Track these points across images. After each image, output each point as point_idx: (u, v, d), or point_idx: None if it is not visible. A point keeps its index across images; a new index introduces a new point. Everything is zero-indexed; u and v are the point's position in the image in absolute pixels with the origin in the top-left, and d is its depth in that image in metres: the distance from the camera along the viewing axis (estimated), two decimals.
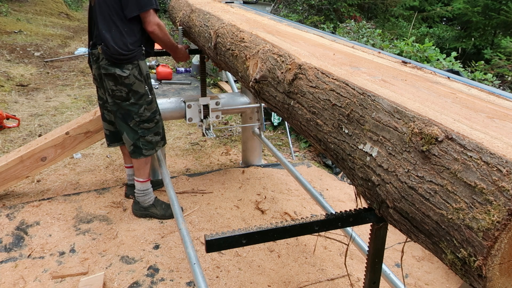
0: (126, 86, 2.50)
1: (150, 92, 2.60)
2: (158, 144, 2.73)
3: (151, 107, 2.62)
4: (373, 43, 5.65)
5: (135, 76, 2.49)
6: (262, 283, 2.32)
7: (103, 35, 2.43)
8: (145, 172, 2.77)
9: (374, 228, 1.23)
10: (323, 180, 3.53)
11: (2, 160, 2.99)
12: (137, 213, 2.84)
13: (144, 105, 2.58)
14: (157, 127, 2.68)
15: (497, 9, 9.70)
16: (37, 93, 5.52)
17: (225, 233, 1.06)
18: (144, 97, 2.57)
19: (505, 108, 0.99)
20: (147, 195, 2.82)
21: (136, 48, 2.48)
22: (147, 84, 2.57)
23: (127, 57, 2.45)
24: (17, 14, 10.20)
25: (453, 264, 0.80)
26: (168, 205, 2.84)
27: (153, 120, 2.65)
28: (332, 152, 1.17)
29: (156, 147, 2.72)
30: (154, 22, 2.43)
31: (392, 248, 2.66)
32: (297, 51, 1.45)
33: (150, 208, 2.82)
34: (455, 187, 0.77)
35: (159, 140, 2.73)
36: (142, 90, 2.55)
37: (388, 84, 1.10)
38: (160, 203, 2.87)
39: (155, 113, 2.66)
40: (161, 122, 2.73)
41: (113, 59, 2.43)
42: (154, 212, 2.82)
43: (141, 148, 2.65)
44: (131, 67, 2.47)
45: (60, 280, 2.32)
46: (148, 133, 2.64)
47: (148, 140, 2.66)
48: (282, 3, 9.22)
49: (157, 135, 2.70)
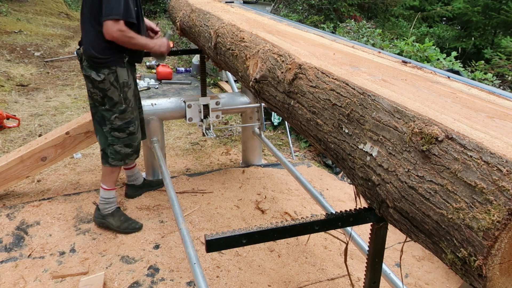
0: (101, 90, 2.44)
1: (125, 101, 2.49)
2: (128, 157, 2.62)
3: (124, 116, 2.51)
4: (373, 43, 5.65)
5: (111, 82, 2.42)
6: (263, 283, 2.33)
7: (83, 36, 2.42)
8: (110, 180, 2.67)
9: (374, 228, 1.23)
10: (323, 180, 3.53)
11: (3, 160, 3.00)
12: (96, 220, 2.75)
13: (116, 113, 2.49)
14: (129, 139, 2.57)
15: (497, 8, 9.70)
16: (37, 93, 5.52)
17: (225, 233, 1.06)
18: (117, 106, 2.48)
19: (505, 108, 0.99)
20: (108, 204, 2.71)
21: (114, 53, 2.41)
22: (122, 93, 2.47)
23: (102, 61, 2.39)
24: (17, 14, 10.20)
25: (453, 263, 0.80)
26: (128, 218, 2.76)
27: (125, 131, 2.54)
28: (332, 152, 1.17)
29: (125, 159, 2.62)
30: (112, 30, 2.27)
31: (392, 248, 2.66)
32: (297, 50, 1.45)
33: (108, 217, 2.71)
34: (455, 187, 0.77)
35: (130, 153, 2.61)
36: (116, 98, 2.46)
37: (388, 84, 1.10)
38: (120, 214, 2.75)
39: (128, 124, 2.54)
40: (137, 135, 2.62)
41: (91, 62, 2.40)
42: (111, 222, 2.70)
43: (108, 156, 2.58)
44: (108, 72, 2.41)
45: (61, 280, 2.32)
46: (118, 142, 2.55)
47: (117, 150, 2.56)
48: (282, 3, 9.22)
49: (128, 147, 2.59)
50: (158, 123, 3.14)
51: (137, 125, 2.62)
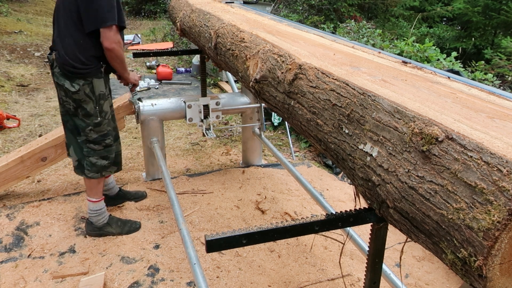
0: (75, 101, 2.30)
1: (100, 114, 2.34)
2: (105, 169, 2.48)
3: (100, 129, 2.38)
4: (373, 43, 5.66)
5: (86, 93, 2.28)
6: (263, 283, 2.32)
7: (57, 42, 2.26)
8: (97, 192, 2.56)
9: (375, 228, 1.23)
10: (323, 180, 3.52)
11: (3, 160, 3.00)
12: (92, 234, 2.63)
13: (91, 125, 2.35)
14: (105, 151, 2.44)
15: (497, 9, 9.70)
16: (37, 93, 5.52)
17: (225, 233, 1.06)
18: (91, 118, 2.34)
19: (505, 108, 0.99)
20: (101, 214, 2.61)
21: (93, 64, 2.26)
22: (98, 105, 2.33)
23: (79, 71, 2.24)
24: (17, 14, 10.20)
25: (454, 264, 0.80)
26: (124, 221, 2.69)
27: (101, 143, 2.41)
28: (333, 152, 1.17)
29: (102, 172, 2.47)
30: (114, 39, 2.18)
31: (392, 248, 2.66)
32: (297, 51, 1.45)
33: (105, 227, 2.62)
34: (455, 187, 0.77)
35: (107, 165, 2.47)
36: (91, 110, 2.32)
37: (388, 84, 1.10)
38: (115, 220, 2.67)
39: (104, 137, 2.41)
40: (114, 147, 2.47)
41: (65, 70, 2.24)
42: (110, 230, 2.63)
43: (84, 167, 2.46)
44: (83, 83, 2.26)
45: (61, 280, 2.32)
46: (94, 154, 2.42)
47: (92, 162, 2.43)
48: (282, 3, 9.22)
49: (105, 159, 2.45)
50: (158, 123, 3.14)
51: (114, 136, 2.48)
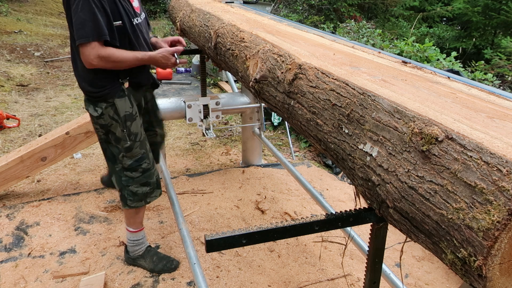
0: (102, 127, 2.08)
1: (129, 137, 2.08)
2: (148, 196, 2.24)
3: (132, 154, 2.12)
4: (373, 43, 5.65)
5: (110, 116, 2.03)
6: (262, 283, 2.33)
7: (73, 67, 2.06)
8: (135, 222, 2.34)
9: (374, 228, 1.23)
10: (323, 180, 3.52)
11: (2, 160, 3.00)
12: (127, 262, 2.47)
13: (122, 151, 2.11)
14: (144, 177, 2.17)
15: (497, 9, 9.70)
16: (37, 93, 5.52)
17: (225, 233, 1.06)
18: (121, 143, 2.09)
19: (505, 108, 0.99)
20: (138, 245, 2.41)
21: (108, 84, 1.98)
22: (125, 128, 2.06)
23: (97, 94, 1.99)
24: (17, 14, 10.20)
25: (453, 264, 0.80)
26: (161, 257, 2.43)
27: (137, 170, 2.15)
28: (332, 152, 1.17)
29: (146, 199, 2.24)
30: (88, 58, 1.84)
31: (392, 248, 2.66)
32: (297, 51, 1.45)
33: (138, 259, 2.42)
34: (455, 187, 0.77)
35: (149, 192, 2.22)
36: (119, 134, 2.07)
37: (388, 84, 1.10)
38: (151, 254, 2.42)
39: (140, 161, 2.14)
40: (152, 171, 2.20)
41: (86, 95, 2.05)
42: (142, 264, 2.42)
43: (126, 198, 2.21)
44: (105, 105, 2.01)
45: (61, 280, 2.32)
46: (133, 183, 2.17)
47: (133, 191, 2.18)
48: (282, 3, 9.22)
49: (146, 185, 2.19)
50: None
51: (151, 158, 2.21)
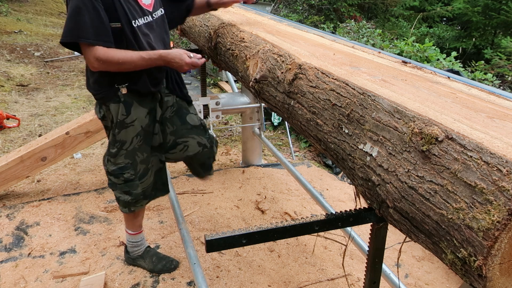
0: (106, 128, 2.03)
1: (114, 143, 1.98)
2: (131, 205, 2.11)
3: (116, 161, 2.01)
4: (373, 43, 5.66)
5: (111, 119, 1.96)
6: (262, 283, 2.33)
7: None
8: (133, 225, 2.31)
9: (374, 228, 1.23)
10: (323, 180, 3.52)
11: (2, 160, 3.00)
12: (127, 261, 2.46)
13: (107, 155, 2.04)
14: (127, 186, 2.05)
15: (497, 9, 9.70)
16: (37, 93, 5.52)
17: (225, 233, 1.07)
18: (110, 147, 2.01)
19: (505, 108, 0.99)
20: (136, 246, 2.40)
21: (103, 87, 1.88)
22: (113, 134, 1.97)
23: (96, 97, 1.94)
24: (17, 14, 10.20)
25: (453, 264, 0.80)
26: (160, 258, 2.41)
27: (119, 177, 2.03)
28: (332, 152, 1.17)
29: (129, 207, 2.12)
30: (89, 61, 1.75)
31: (392, 248, 2.66)
32: (297, 51, 1.45)
33: (138, 259, 2.41)
34: (455, 187, 0.77)
35: (130, 201, 2.09)
36: (110, 138, 2.00)
37: (388, 84, 1.10)
38: (151, 254, 2.41)
39: (122, 170, 2.01)
40: (135, 182, 2.05)
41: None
42: (142, 264, 2.41)
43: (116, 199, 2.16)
44: (105, 108, 1.95)
45: (61, 280, 2.32)
46: (116, 188, 2.08)
47: (117, 196, 2.12)
48: (282, 3, 9.22)
49: (127, 194, 2.08)
50: None
51: (139, 171, 2.05)
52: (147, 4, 1.89)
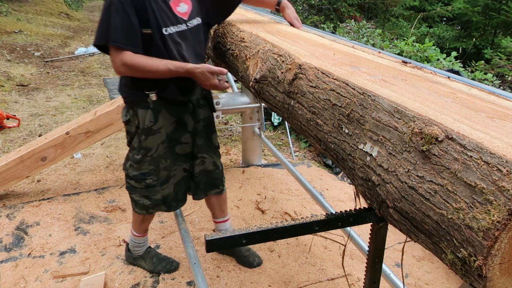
0: (128, 132, 2.02)
1: (139, 150, 1.96)
2: (150, 208, 2.12)
3: (139, 167, 1.99)
4: (373, 43, 5.66)
5: (136, 125, 1.95)
6: (263, 283, 2.33)
7: None
8: (139, 228, 2.32)
9: (374, 228, 1.23)
10: (323, 180, 3.52)
11: (2, 160, 3.00)
12: (128, 260, 2.48)
13: (130, 160, 2.02)
14: (147, 191, 2.04)
15: (497, 9, 9.71)
16: (37, 93, 5.52)
17: (225, 233, 1.07)
18: (133, 152, 1.99)
19: (505, 108, 0.99)
20: (138, 247, 2.41)
21: (132, 91, 1.89)
22: (139, 140, 1.95)
23: (125, 100, 1.96)
24: (17, 14, 10.20)
25: (453, 264, 0.80)
26: (161, 259, 2.42)
27: (141, 182, 2.02)
28: (332, 152, 1.17)
29: (148, 210, 2.12)
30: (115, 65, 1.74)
31: (392, 248, 2.66)
32: (297, 51, 1.45)
33: (138, 259, 2.42)
34: (455, 187, 0.77)
35: (149, 205, 2.09)
36: (135, 144, 1.98)
37: (388, 84, 1.10)
38: (151, 256, 2.42)
39: (145, 175, 2.00)
40: (156, 188, 2.04)
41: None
42: (142, 265, 2.42)
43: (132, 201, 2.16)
44: (132, 113, 1.94)
45: (61, 279, 2.32)
46: (135, 192, 2.07)
47: (134, 200, 2.11)
48: None
49: (147, 199, 2.07)
50: None
51: (161, 177, 2.03)
52: (182, 12, 1.84)
